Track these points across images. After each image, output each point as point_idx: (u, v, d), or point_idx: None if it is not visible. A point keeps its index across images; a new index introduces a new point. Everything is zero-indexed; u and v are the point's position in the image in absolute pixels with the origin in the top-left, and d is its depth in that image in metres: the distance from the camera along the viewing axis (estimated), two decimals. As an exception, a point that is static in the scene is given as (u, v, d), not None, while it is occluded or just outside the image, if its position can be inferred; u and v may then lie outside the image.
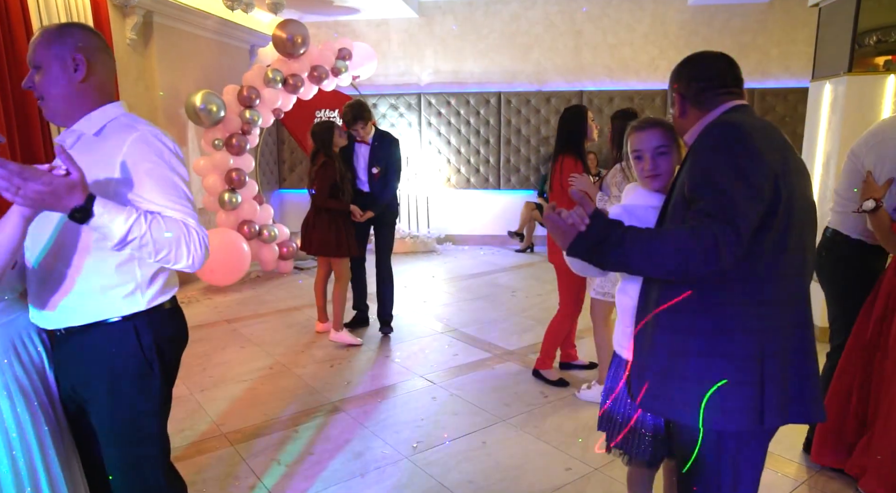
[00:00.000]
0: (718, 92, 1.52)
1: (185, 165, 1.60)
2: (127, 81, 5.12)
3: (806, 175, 1.47)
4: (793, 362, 1.41)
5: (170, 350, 1.68)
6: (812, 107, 4.44)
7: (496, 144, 7.81)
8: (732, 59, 1.58)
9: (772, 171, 1.33)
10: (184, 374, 3.75)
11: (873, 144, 2.45)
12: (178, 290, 1.73)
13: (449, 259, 7.24)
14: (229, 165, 5.81)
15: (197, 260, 1.53)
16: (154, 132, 1.53)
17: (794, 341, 1.42)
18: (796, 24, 7.12)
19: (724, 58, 1.57)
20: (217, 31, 6.36)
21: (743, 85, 1.57)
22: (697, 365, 1.39)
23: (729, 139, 1.36)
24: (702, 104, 1.53)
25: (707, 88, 1.52)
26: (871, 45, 3.94)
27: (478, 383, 3.61)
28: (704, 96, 1.53)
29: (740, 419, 1.36)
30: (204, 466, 2.73)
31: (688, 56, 1.61)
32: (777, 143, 1.41)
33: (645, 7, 7.39)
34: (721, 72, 1.54)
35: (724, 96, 1.52)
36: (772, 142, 1.39)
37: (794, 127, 7.14)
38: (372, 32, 7.80)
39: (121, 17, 5.05)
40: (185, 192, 1.55)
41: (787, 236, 1.37)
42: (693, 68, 1.57)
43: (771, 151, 1.36)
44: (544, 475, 2.62)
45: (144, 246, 1.39)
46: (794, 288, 1.42)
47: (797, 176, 1.41)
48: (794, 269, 1.41)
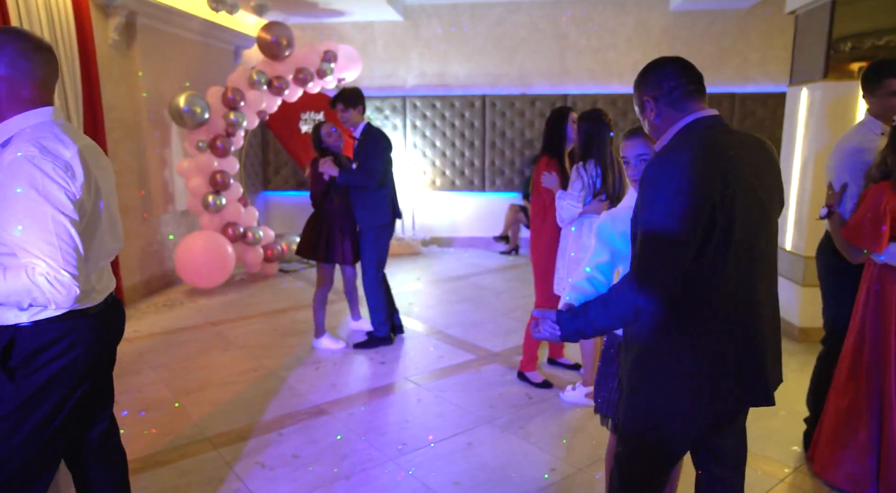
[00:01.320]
0: (689, 89, 1.57)
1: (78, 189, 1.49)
2: (109, 83, 5.07)
3: (761, 186, 1.51)
4: (750, 348, 1.53)
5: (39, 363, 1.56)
6: (790, 111, 4.53)
7: (481, 146, 7.84)
8: (682, 61, 1.62)
9: (707, 202, 1.41)
10: (167, 377, 3.74)
11: (832, 153, 2.61)
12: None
13: (434, 261, 7.26)
14: (213, 168, 5.78)
15: (59, 303, 1.47)
16: (32, 155, 1.42)
17: (745, 333, 1.53)
18: (775, 30, 7.25)
19: (678, 60, 1.62)
20: (201, 32, 6.32)
21: (703, 81, 1.61)
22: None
23: (666, 179, 1.44)
24: (675, 104, 1.58)
25: (678, 86, 1.57)
26: (846, 52, 4.03)
27: (463, 384, 3.63)
28: (676, 95, 1.57)
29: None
30: (187, 470, 2.71)
31: (646, 65, 1.65)
32: (725, 164, 1.46)
33: (628, 12, 7.47)
34: (684, 70, 1.60)
35: (694, 95, 1.58)
36: (716, 166, 1.45)
37: (773, 131, 7.26)
38: (357, 35, 7.80)
39: (103, 18, 5.00)
40: (53, 227, 1.43)
41: (725, 259, 1.46)
42: (659, 71, 1.61)
43: (713, 178, 1.43)
44: (529, 475, 2.65)
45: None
46: (741, 278, 1.50)
47: (746, 194, 1.47)
48: (739, 262, 1.48)
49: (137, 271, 5.54)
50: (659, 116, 1.60)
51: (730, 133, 1.56)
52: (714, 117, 1.57)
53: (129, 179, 5.43)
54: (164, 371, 3.85)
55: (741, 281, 1.50)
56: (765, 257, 1.55)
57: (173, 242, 6.04)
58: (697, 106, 1.57)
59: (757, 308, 1.53)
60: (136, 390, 3.56)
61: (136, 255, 5.53)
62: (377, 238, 4.15)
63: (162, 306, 5.37)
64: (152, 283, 5.78)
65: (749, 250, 1.49)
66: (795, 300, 4.25)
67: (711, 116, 1.56)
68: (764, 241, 1.54)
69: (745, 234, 1.47)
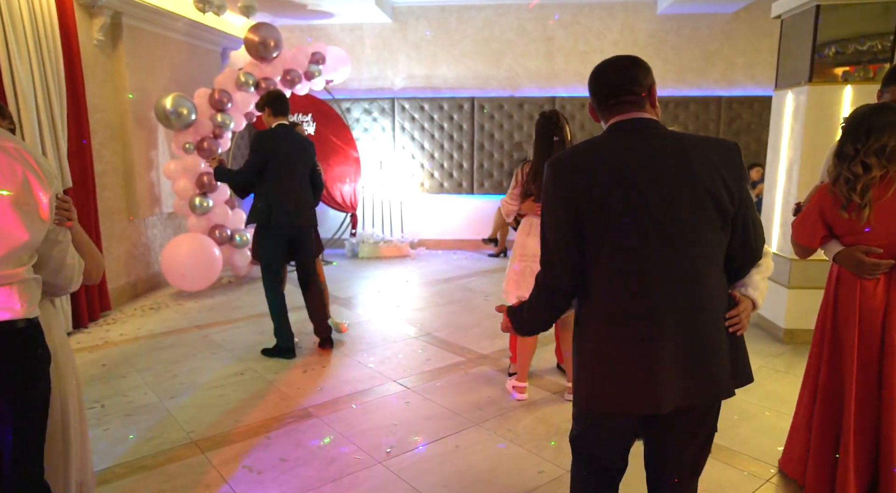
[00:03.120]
0: (608, 104, 1.59)
1: None
2: (94, 83, 5.02)
3: (657, 191, 1.48)
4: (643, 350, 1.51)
5: None
6: (775, 115, 4.58)
7: (469, 149, 7.86)
8: (628, 61, 1.60)
9: (591, 200, 1.49)
10: (153, 381, 3.70)
11: (827, 154, 2.62)
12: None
13: (422, 264, 7.25)
14: (200, 169, 5.73)
15: None
16: None
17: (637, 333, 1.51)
18: (761, 34, 7.34)
19: (613, 66, 1.60)
20: (188, 33, 6.28)
21: (639, 84, 1.57)
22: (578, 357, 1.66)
23: (547, 184, 1.57)
24: (603, 116, 1.63)
25: (601, 101, 1.61)
26: (831, 57, 4.08)
27: (451, 387, 3.63)
28: (601, 109, 1.62)
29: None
30: (173, 474, 2.68)
31: (593, 69, 1.66)
32: (600, 166, 1.51)
33: (615, 15, 7.53)
34: (601, 87, 1.60)
35: (615, 108, 1.58)
36: (592, 169, 1.51)
37: (760, 134, 7.35)
38: (346, 37, 7.79)
39: (87, 18, 4.95)
40: None
41: (600, 261, 1.53)
42: (592, 83, 1.64)
43: (592, 178, 1.50)
44: (517, 477, 2.65)
45: None
46: (633, 279, 1.51)
47: (627, 198, 1.48)
48: (627, 263, 1.50)
49: (123, 274, 5.48)
50: (598, 119, 1.66)
51: (643, 137, 1.54)
52: (624, 122, 1.56)
53: (115, 181, 5.37)
54: (149, 375, 3.81)
55: (628, 284, 1.50)
56: (665, 264, 1.49)
57: (159, 244, 5.99)
58: (618, 111, 1.58)
59: (651, 316, 1.49)
60: (122, 394, 3.52)
61: (122, 257, 5.47)
62: (259, 237, 4.09)
63: (148, 309, 5.31)
64: (138, 286, 5.73)
65: (634, 253, 1.49)
66: (781, 302, 4.29)
67: (627, 121, 1.56)
68: (662, 247, 1.49)
69: (625, 238, 1.49)
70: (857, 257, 2.22)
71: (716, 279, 1.55)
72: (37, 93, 4.08)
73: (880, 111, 2.18)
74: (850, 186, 2.17)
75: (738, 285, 1.64)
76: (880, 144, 2.13)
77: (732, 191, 1.51)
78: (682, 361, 1.50)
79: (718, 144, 1.56)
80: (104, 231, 5.08)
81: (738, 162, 1.54)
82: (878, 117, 2.15)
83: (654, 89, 1.60)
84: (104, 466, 2.73)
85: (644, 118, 1.57)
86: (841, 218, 2.22)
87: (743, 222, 1.56)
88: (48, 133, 4.20)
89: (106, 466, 2.74)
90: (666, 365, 1.49)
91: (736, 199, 1.52)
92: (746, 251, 1.60)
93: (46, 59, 4.18)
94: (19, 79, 3.91)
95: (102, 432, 3.06)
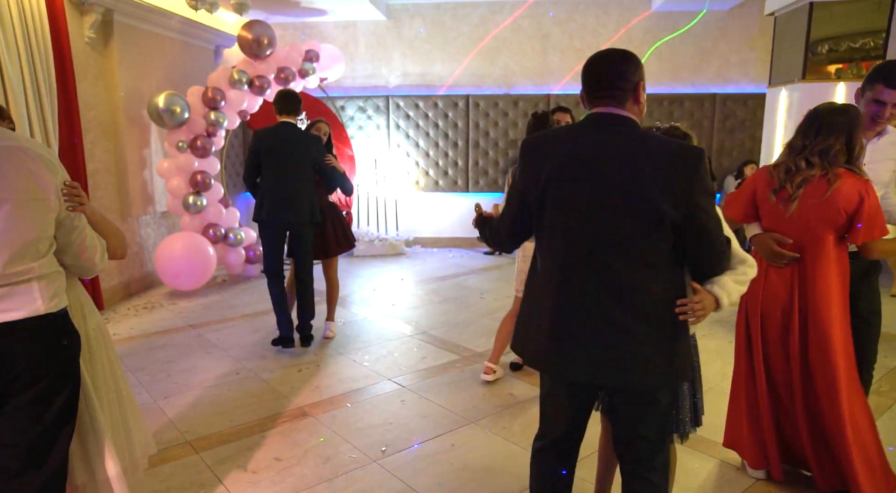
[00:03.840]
0: (594, 94, 1.68)
1: None
2: (86, 81, 4.99)
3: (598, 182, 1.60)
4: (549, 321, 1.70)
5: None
6: (769, 112, 4.59)
7: (464, 146, 7.84)
8: (619, 56, 1.66)
9: (536, 173, 1.69)
10: (147, 381, 3.68)
11: None
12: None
13: (417, 262, 7.24)
14: (194, 168, 5.70)
15: None
16: None
17: (552, 304, 1.69)
18: (755, 31, 7.35)
19: (604, 59, 1.67)
20: (181, 30, 6.24)
21: (625, 80, 1.63)
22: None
23: (518, 160, 1.80)
24: (588, 105, 1.73)
25: (588, 91, 1.70)
26: (824, 54, 4.10)
27: (447, 385, 3.62)
28: (588, 99, 1.71)
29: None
30: (168, 475, 2.67)
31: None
32: (549, 153, 1.69)
33: (610, 12, 7.52)
34: (587, 79, 1.69)
35: (598, 100, 1.67)
36: (545, 151, 1.70)
37: (754, 131, 7.36)
38: (339, 34, 7.76)
39: (78, 15, 4.91)
40: None
41: (542, 239, 1.75)
42: (584, 73, 1.72)
43: (543, 157, 1.70)
44: (513, 475, 2.64)
45: None
46: (559, 263, 1.69)
47: (565, 186, 1.65)
48: (555, 248, 1.70)
49: (116, 273, 5.46)
50: (586, 106, 1.75)
51: (608, 133, 1.63)
52: (598, 115, 1.66)
53: (107, 179, 5.34)
54: (143, 375, 3.79)
55: (557, 263, 1.69)
56: (589, 248, 1.62)
57: (153, 243, 5.96)
58: (599, 103, 1.67)
59: (570, 291, 1.65)
60: (115, 394, 3.50)
61: (115, 256, 5.44)
62: (259, 233, 4.27)
63: (141, 308, 5.29)
64: (131, 285, 5.70)
65: (565, 235, 1.66)
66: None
67: (603, 115, 1.66)
68: (587, 233, 1.62)
69: (561, 221, 1.67)
70: (768, 243, 2.32)
71: (647, 279, 1.61)
72: (27, 91, 4.04)
73: (834, 112, 2.24)
74: (789, 177, 2.24)
75: (707, 282, 1.70)
76: (826, 145, 2.19)
77: (678, 198, 1.55)
78: (594, 344, 1.63)
79: (676, 152, 1.59)
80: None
81: (692, 170, 1.56)
82: (830, 117, 2.22)
83: (642, 86, 1.66)
84: (97, 467, 2.71)
85: (617, 114, 1.64)
86: (768, 201, 2.31)
87: (698, 234, 1.60)
88: (39, 131, 4.16)
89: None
90: (575, 342, 1.66)
91: (682, 206, 1.55)
92: (705, 264, 1.69)
93: (36, 56, 4.14)
94: (9, 77, 3.88)
95: (96, 432, 3.04)
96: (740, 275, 1.73)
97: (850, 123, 2.20)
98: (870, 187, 2.19)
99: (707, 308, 1.65)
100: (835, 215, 2.20)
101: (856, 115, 2.22)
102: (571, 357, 1.67)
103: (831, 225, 2.21)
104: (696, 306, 1.62)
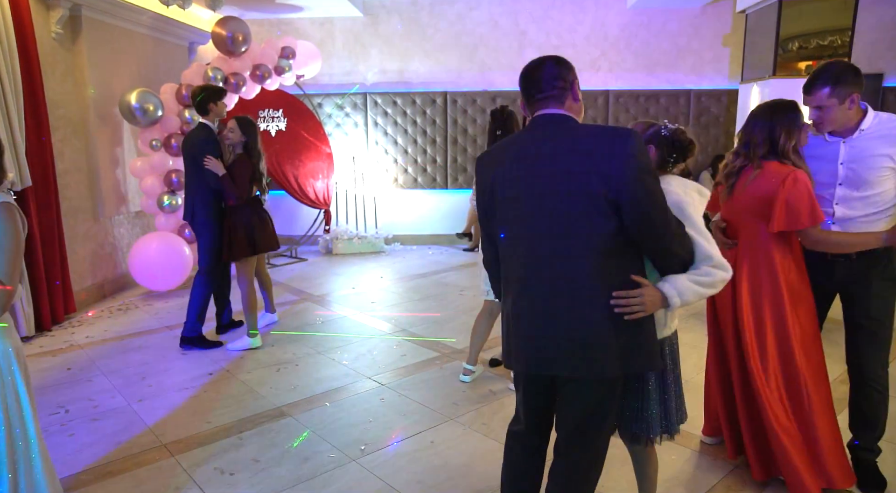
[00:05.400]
0: (534, 98, 1.76)
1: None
2: (53, 78, 4.87)
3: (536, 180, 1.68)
4: (508, 318, 1.81)
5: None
6: (742, 107, 4.67)
7: (443, 143, 7.84)
8: (552, 61, 1.76)
9: (487, 184, 1.80)
10: (120, 384, 3.62)
11: None
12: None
13: (397, 260, 7.22)
14: (168, 167, 5.61)
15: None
16: None
17: (511, 302, 1.77)
18: (727, 29, 7.43)
19: (539, 65, 1.77)
20: (153, 27, 6.13)
21: (562, 80, 1.74)
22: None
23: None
24: (529, 110, 1.81)
25: (528, 97, 1.78)
26: (794, 51, 4.17)
27: (426, 382, 3.62)
28: (529, 104, 1.80)
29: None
30: (142, 479, 2.63)
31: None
32: (496, 161, 1.80)
33: (586, 10, 7.56)
34: (526, 86, 1.78)
35: (538, 103, 1.76)
36: (492, 161, 1.81)
37: (728, 126, 7.47)
38: (316, 31, 7.69)
39: (44, 10, 4.79)
40: None
41: (499, 227, 1.80)
42: (521, 81, 1.81)
43: (490, 167, 1.81)
44: (492, 472, 2.64)
45: None
46: (515, 264, 1.76)
47: (509, 185, 1.73)
48: (511, 250, 1.77)
49: (89, 275, 5.35)
50: (527, 113, 1.83)
51: (550, 132, 1.71)
52: (538, 116, 1.75)
53: (78, 179, 5.23)
54: (116, 378, 3.72)
55: (510, 258, 1.78)
56: (529, 243, 1.70)
57: (126, 244, 5.85)
58: (539, 106, 1.76)
59: (524, 286, 1.72)
60: (87, 398, 3.43)
61: (88, 258, 5.33)
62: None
63: (116, 310, 5.20)
64: (105, 287, 5.59)
65: (516, 233, 1.75)
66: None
67: (546, 115, 1.74)
68: (535, 227, 1.68)
69: (506, 217, 1.76)
70: (714, 229, 2.47)
71: (593, 267, 1.62)
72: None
73: (760, 108, 2.38)
74: (727, 169, 2.40)
75: (662, 279, 1.71)
76: (749, 138, 2.33)
77: (610, 178, 1.57)
78: (545, 336, 1.68)
79: (605, 134, 1.65)
80: (68, 232, 4.94)
81: (621, 150, 1.58)
82: (755, 112, 2.37)
83: (577, 85, 1.77)
84: (69, 473, 2.66)
85: (558, 113, 1.73)
86: (716, 192, 2.47)
87: (637, 215, 1.59)
88: (4, 130, 4.06)
89: (71, 473, 2.67)
90: (526, 333, 1.72)
91: (615, 186, 1.57)
92: (652, 256, 1.71)
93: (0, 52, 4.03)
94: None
95: (67, 438, 2.98)
96: (701, 275, 1.69)
97: (772, 116, 2.28)
98: (797, 176, 2.20)
99: (649, 305, 1.63)
100: (753, 204, 2.30)
101: (782, 108, 2.29)
102: (524, 349, 1.74)
103: (752, 213, 2.32)
104: (633, 301, 1.61)
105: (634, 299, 1.62)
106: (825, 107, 2.24)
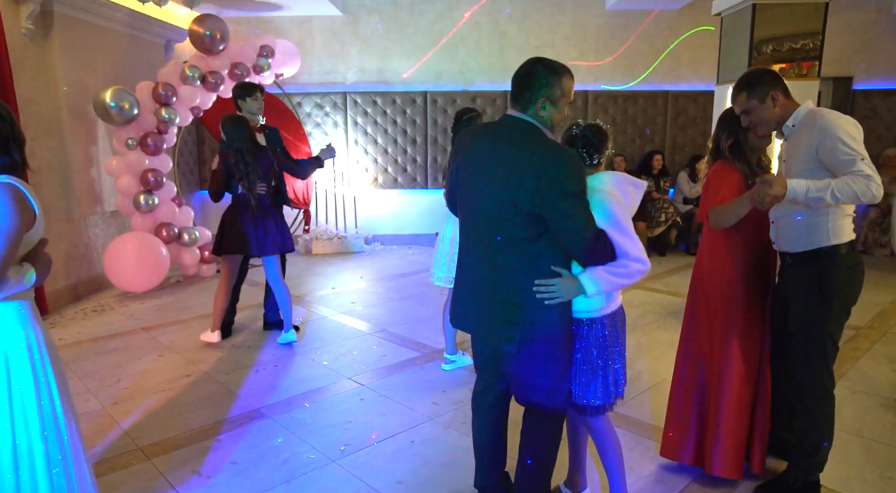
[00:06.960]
0: (512, 97, 2.00)
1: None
2: (24, 75, 4.77)
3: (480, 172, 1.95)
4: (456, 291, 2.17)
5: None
6: (718, 109, 4.73)
7: (423, 143, 7.83)
8: (529, 66, 1.95)
9: (456, 160, 2.09)
10: (94, 386, 3.56)
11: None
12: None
13: (377, 259, 7.20)
14: (144, 166, 5.53)
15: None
16: None
17: (458, 278, 2.15)
18: (704, 31, 7.55)
19: (521, 68, 1.97)
20: (128, 24, 6.03)
21: (529, 88, 1.91)
22: None
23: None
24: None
25: (511, 95, 2.00)
26: (768, 54, 4.25)
27: (406, 382, 3.62)
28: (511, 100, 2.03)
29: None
30: (117, 483, 2.59)
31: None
32: (463, 145, 2.09)
33: (565, 11, 7.62)
34: (513, 81, 1.97)
35: (512, 103, 1.99)
36: (462, 144, 2.11)
37: (704, 127, 7.58)
38: (295, 30, 7.63)
39: (14, 5, 4.68)
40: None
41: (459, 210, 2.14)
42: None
43: (460, 148, 2.12)
44: (472, 471, 2.66)
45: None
46: (471, 245, 2.05)
47: (463, 175, 2.05)
48: (467, 231, 2.07)
49: (62, 276, 5.25)
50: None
51: (504, 134, 1.94)
52: (506, 116, 1.99)
53: (50, 178, 5.13)
54: (91, 380, 3.66)
55: (462, 245, 2.09)
56: (472, 227, 2.02)
57: (101, 244, 5.75)
58: (512, 106, 1.98)
59: (466, 265, 2.08)
60: (61, 401, 3.37)
61: (61, 258, 5.23)
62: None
63: (90, 311, 5.11)
64: (79, 288, 5.49)
65: (464, 219, 2.07)
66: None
67: (509, 116, 1.97)
68: (471, 213, 2.01)
69: (462, 207, 2.09)
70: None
71: (517, 258, 1.91)
72: (-39, 86, 3.84)
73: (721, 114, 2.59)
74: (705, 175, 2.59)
75: (583, 270, 1.93)
76: (714, 139, 2.55)
77: (533, 196, 1.81)
78: (476, 305, 2.05)
79: (542, 155, 1.83)
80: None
81: (550, 174, 1.79)
82: (722, 115, 2.55)
83: (558, 94, 1.91)
84: (42, 477, 2.61)
85: (518, 117, 1.93)
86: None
87: (554, 228, 1.85)
88: (-25, 128, 3.96)
89: (44, 477, 2.61)
90: (469, 303, 2.08)
91: (537, 203, 1.82)
92: (572, 255, 1.93)
93: (-29, 49, 3.94)
94: (-59, 71, 3.68)
95: (40, 441, 2.91)
96: (618, 267, 1.90)
97: (720, 122, 2.51)
98: (716, 168, 2.45)
99: (565, 292, 1.91)
100: (702, 200, 2.51)
101: (725, 113, 2.51)
102: (464, 316, 2.13)
103: (704, 208, 2.49)
104: (551, 288, 1.90)
105: (552, 287, 1.88)
106: (748, 110, 2.34)
